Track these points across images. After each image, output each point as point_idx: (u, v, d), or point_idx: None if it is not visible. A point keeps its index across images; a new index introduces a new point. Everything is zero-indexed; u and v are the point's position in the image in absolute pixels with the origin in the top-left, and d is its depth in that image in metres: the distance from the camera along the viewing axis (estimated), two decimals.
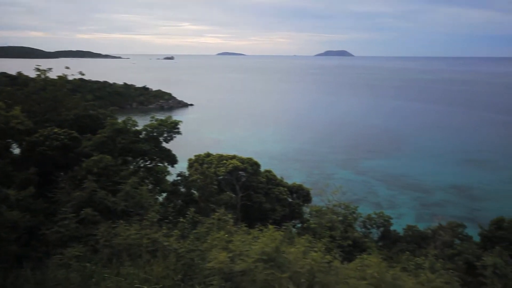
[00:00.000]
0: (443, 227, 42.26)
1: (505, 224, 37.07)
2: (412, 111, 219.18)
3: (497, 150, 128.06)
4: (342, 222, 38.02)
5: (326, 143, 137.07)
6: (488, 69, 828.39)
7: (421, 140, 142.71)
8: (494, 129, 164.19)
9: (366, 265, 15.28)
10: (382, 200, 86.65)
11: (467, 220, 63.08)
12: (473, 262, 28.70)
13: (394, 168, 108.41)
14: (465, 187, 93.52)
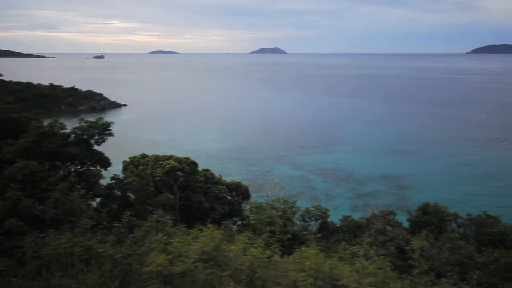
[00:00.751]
0: (375, 215, 44.50)
1: (430, 209, 39.76)
2: (343, 105, 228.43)
3: (422, 141, 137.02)
4: (282, 216, 38.71)
5: (263, 139, 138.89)
6: (408, 64, 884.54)
7: (352, 134, 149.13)
8: (418, 120, 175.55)
9: (305, 257, 15.63)
10: (319, 193, 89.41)
11: (397, 207, 66.83)
12: (403, 246, 30.51)
13: (329, 161, 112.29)
14: (394, 177, 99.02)
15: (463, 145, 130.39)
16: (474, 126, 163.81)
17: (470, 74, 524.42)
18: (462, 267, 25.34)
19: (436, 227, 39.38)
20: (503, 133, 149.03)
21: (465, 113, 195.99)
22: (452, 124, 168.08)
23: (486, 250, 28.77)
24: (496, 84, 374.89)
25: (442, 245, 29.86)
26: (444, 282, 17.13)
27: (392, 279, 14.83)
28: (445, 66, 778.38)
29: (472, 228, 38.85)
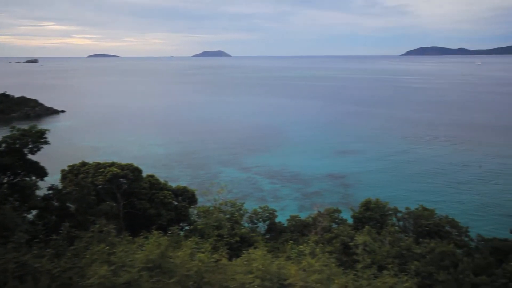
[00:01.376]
0: (321, 214, 45.62)
1: (372, 205, 41.40)
2: (287, 107, 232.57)
3: (363, 140, 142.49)
4: (229, 219, 38.67)
5: (209, 143, 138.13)
6: (349, 66, 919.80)
7: (297, 135, 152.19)
8: (359, 120, 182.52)
9: (252, 259, 15.71)
10: (267, 194, 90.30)
11: (342, 205, 68.97)
12: (348, 242, 31.55)
13: (276, 163, 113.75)
14: (339, 175, 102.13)
15: (401, 143, 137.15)
16: (410, 124, 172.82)
17: (404, 75, 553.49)
18: (402, 258, 26.67)
19: (378, 222, 41.08)
20: (436, 131, 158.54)
21: (402, 112, 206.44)
22: (390, 123, 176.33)
23: (423, 241, 30.40)
24: (428, 84, 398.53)
25: (384, 238, 31.22)
26: (386, 274, 17.92)
27: (337, 275, 15.29)
28: (382, 68, 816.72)
29: (411, 221, 40.92)
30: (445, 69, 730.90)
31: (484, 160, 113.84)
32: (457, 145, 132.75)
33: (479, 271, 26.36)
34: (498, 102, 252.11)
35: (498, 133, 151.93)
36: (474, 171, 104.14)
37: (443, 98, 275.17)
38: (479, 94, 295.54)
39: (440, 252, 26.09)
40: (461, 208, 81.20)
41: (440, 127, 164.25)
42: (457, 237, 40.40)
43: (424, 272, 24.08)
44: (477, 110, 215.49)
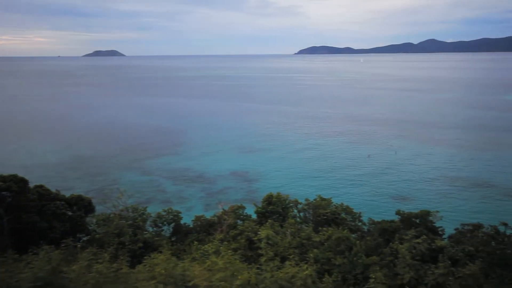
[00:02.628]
0: (226, 211, 46.03)
1: (274, 199, 42.84)
2: (185, 107, 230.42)
3: (263, 136, 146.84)
4: (131, 225, 37.16)
5: (107, 147, 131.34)
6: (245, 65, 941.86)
7: (198, 134, 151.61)
8: (258, 117, 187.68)
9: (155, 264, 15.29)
10: (171, 196, 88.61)
11: (246, 201, 70.50)
12: (252, 237, 32.27)
13: (179, 163, 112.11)
14: (243, 172, 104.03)
15: (300, 139, 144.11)
16: (307, 120, 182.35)
17: (299, 73, 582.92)
18: (302, 248, 28.07)
19: (281, 215, 42.67)
20: (332, 126, 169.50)
21: (299, 109, 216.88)
22: (288, 119, 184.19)
23: (322, 230, 32.35)
24: (321, 81, 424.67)
25: (286, 230, 32.54)
26: (288, 265, 18.71)
27: (240, 271, 15.56)
28: (278, 66, 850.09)
29: (310, 212, 43.24)
30: (334, 67, 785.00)
31: (373, 150, 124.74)
32: (349, 137, 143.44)
33: (370, 251, 28.80)
34: (383, 97, 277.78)
35: (386, 126, 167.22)
36: (364, 160, 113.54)
37: (335, 94, 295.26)
38: (366, 90, 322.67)
39: (336, 238, 27.95)
40: (356, 195, 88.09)
41: (336, 122, 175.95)
42: (352, 223, 43.68)
43: (322, 258, 25.61)
44: (364, 104, 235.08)
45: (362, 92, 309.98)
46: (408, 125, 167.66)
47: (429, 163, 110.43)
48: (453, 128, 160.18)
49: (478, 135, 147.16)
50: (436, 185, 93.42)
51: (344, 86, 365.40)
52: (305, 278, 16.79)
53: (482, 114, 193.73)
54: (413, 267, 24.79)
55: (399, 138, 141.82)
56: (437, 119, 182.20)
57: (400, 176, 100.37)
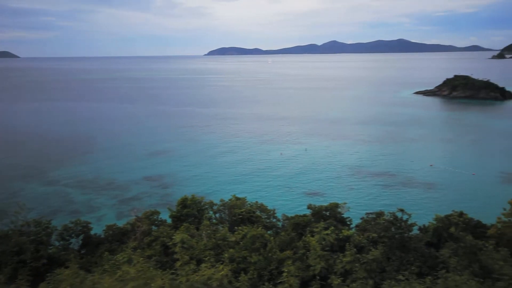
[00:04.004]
0: (140, 218, 44.47)
1: (189, 202, 42.36)
2: (89, 111, 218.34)
3: (176, 139, 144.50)
4: (33, 241, 34.25)
5: (4, 157, 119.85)
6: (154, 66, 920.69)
7: (107, 140, 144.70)
8: (170, 120, 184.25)
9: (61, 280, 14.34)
10: (80, 206, 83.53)
11: (161, 206, 68.82)
12: (167, 243, 31.61)
13: (87, 171, 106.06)
14: (157, 176, 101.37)
15: (212, 139, 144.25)
16: (219, 120, 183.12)
17: (210, 74, 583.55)
18: (218, 249, 28.15)
19: (196, 218, 42.32)
20: (242, 125, 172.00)
21: (210, 110, 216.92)
22: (200, 120, 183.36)
23: (237, 229, 32.70)
24: (232, 82, 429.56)
25: (202, 233, 32.35)
26: (203, 267, 18.68)
27: (154, 278, 15.18)
28: (189, 67, 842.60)
29: (226, 212, 43.45)
30: (244, 68, 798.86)
31: (285, 148, 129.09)
32: (261, 137, 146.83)
33: (285, 246, 29.81)
34: (291, 96, 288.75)
35: (296, 124, 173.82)
36: (277, 158, 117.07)
37: (246, 94, 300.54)
38: (275, 90, 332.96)
39: (251, 237, 28.47)
40: (270, 192, 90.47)
41: (249, 122, 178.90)
42: (267, 220, 44.73)
43: (238, 257, 25.93)
44: (274, 103, 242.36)
45: (272, 91, 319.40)
46: (315, 122, 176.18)
47: (337, 158, 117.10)
48: (356, 124, 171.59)
49: (378, 129, 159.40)
50: (344, 178, 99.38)
51: (255, 86, 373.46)
52: (221, 279, 16.90)
53: (381, 110, 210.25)
54: (323, 257, 26.17)
55: (308, 135, 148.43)
56: (342, 115, 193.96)
57: (311, 171, 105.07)
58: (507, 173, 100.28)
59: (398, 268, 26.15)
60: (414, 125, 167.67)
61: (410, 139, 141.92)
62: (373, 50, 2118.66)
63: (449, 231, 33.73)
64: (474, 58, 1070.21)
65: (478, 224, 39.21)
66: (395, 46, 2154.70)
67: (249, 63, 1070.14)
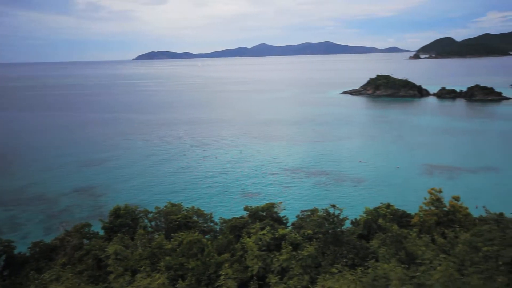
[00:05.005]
0: (69, 232, 42.17)
1: (122, 212, 40.91)
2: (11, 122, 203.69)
3: (108, 148, 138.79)
4: None
5: None
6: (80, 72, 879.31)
7: (32, 151, 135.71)
8: (101, 128, 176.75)
9: None
10: (1, 224, 77.48)
11: (93, 218, 65.70)
12: (100, 256, 30.27)
13: (9, 185, 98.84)
14: (88, 188, 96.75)
15: (146, 146, 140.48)
16: (152, 126, 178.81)
17: (141, 79, 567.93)
18: (154, 257, 27.47)
19: (130, 227, 40.95)
20: (177, 130, 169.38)
21: (143, 116, 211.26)
22: (133, 128, 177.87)
23: (174, 236, 32.10)
24: (164, 86, 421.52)
25: (137, 242, 31.36)
26: (139, 277, 18.13)
27: None
28: (118, 73, 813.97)
29: (161, 219, 42.50)
30: (174, 72, 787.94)
31: (220, 151, 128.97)
32: (196, 141, 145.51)
33: (223, 249, 29.79)
34: (224, 99, 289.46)
35: (230, 127, 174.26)
36: (212, 162, 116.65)
37: (178, 99, 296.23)
38: (207, 93, 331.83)
39: (188, 242, 28.13)
40: (207, 196, 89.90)
41: (183, 126, 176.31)
42: (204, 224, 44.44)
43: (175, 264, 25.50)
44: (208, 107, 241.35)
45: (204, 95, 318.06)
46: (249, 124, 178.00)
47: (271, 159, 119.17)
48: (288, 125, 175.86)
49: (310, 129, 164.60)
50: (279, 178, 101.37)
51: (186, 90, 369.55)
52: None
53: (311, 110, 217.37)
54: (260, 257, 26.51)
55: (243, 138, 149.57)
56: (274, 117, 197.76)
57: (247, 173, 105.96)
58: (427, 164, 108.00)
59: (332, 262, 27.17)
60: (343, 124, 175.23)
61: (340, 137, 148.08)
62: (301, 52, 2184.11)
63: (377, 222, 35.67)
64: (393, 59, 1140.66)
65: (403, 214, 41.88)
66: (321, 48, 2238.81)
67: (180, 67, 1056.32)
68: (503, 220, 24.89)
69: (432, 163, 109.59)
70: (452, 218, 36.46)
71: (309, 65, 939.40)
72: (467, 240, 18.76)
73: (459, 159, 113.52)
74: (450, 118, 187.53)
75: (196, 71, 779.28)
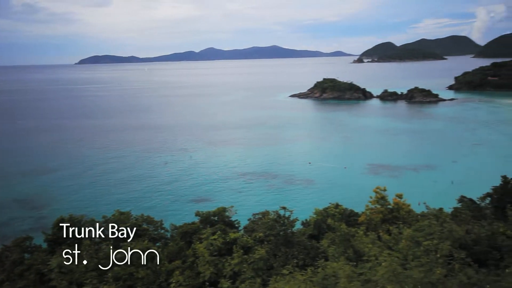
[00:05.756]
0: (8, 247, 39.69)
1: (66, 223, 39.01)
2: None
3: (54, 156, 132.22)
4: None
5: None
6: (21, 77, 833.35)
7: None
8: (44, 136, 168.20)
9: None
10: None
11: (35, 230, 62.16)
12: (43, 270, 28.73)
13: None
14: (29, 199, 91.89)
15: (94, 153, 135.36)
16: (99, 134, 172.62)
17: (85, 84, 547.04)
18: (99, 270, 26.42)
19: (76, 238, 39.13)
20: (125, 136, 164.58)
21: (90, 122, 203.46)
22: (79, 133, 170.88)
23: (122, 245, 31.09)
24: (108, 92, 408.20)
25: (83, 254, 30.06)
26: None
27: None
28: (60, 77, 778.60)
29: (109, 228, 40.91)
30: (120, 76, 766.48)
31: (169, 157, 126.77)
32: (144, 147, 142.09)
33: (174, 256, 29.28)
34: (171, 103, 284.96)
35: (179, 132, 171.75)
36: (162, 168, 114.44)
37: (125, 104, 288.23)
38: (155, 98, 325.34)
39: (136, 251, 27.40)
40: (157, 203, 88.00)
41: (130, 132, 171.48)
42: (154, 232, 43.39)
43: (124, 275, 24.72)
44: (155, 112, 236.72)
45: (152, 100, 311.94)
46: (199, 129, 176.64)
47: (222, 163, 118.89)
48: (238, 128, 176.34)
49: (259, 132, 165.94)
50: (231, 182, 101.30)
51: (133, 95, 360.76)
52: None
53: (260, 114, 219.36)
54: (212, 262, 26.33)
55: (192, 142, 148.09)
56: (224, 120, 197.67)
57: (197, 178, 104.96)
58: (372, 164, 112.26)
59: (284, 263, 27.49)
60: (292, 127, 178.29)
61: (289, 140, 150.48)
62: (249, 56, 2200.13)
63: (327, 222, 36.56)
64: (338, 62, 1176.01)
65: (351, 213, 43.23)
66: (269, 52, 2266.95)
67: (125, 72, 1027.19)
68: (441, 215, 26.37)
69: (377, 162, 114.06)
70: (396, 215, 38.10)
71: (257, 69, 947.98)
72: (410, 236, 19.68)
73: (401, 158, 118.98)
74: (393, 119, 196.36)
75: (143, 76, 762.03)
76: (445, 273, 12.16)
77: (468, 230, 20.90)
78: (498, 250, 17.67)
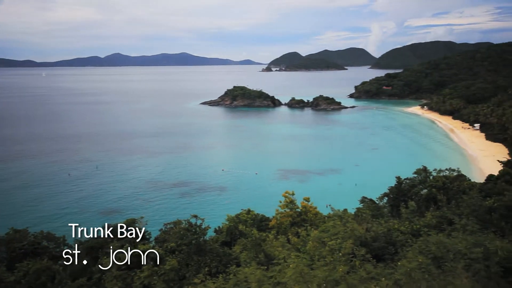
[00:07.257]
0: None
1: None
2: None
3: None
4: None
5: None
6: None
7: None
8: None
9: None
10: None
11: None
12: None
13: None
14: None
15: None
16: None
17: None
18: None
19: None
20: (21, 146, 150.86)
21: None
22: None
23: (18, 266, 28.33)
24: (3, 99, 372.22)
25: None
26: None
27: None
28: None
29: (2, 248, 37.16)
30: (13, 82, 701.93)
31: (73, 168, 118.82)
32: (46, 158, 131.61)
33: (78, 274, 27.37)
34: (74, 111, 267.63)
35: (83, 141, 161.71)
36: (65, 179, 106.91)
37: (21, 112, 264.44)
38: (55, 106, 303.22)
39: (35, 271, 25.16)
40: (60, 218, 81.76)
41: (31, 142, 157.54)
42: (56, 249, 40.26)
43: None
44: (56, 121, 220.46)
45: (53, 108, 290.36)
46: (106, 138, 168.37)
47: (131, 173, 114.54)
48: (148, 137, 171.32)
49: (170, 140, 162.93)
50: (141, 192, 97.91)
51: (29, 102, 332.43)
52: None
53: (171, 122, 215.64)
54: (120, 277, 25.12)
55: (99, 152, 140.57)
56: (133, 129, 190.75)
57: (105, 190, 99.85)
58: (282, 169, 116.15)
59: (197, 272, 27.13)
60: (203, 134, 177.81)
61: (201, 147, 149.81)
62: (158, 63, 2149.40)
63: (239, 228, 36.89)
64: (248, 70, 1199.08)
65: (262, 218, 44.19)
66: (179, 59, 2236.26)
67: (20, 77, 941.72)
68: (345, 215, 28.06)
69: (286, 168, 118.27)
70: (304, 217, 39.74)
71: (167, 76, 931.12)
72: (316, 237, 20.62)
73: (309, 163, 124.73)
74: (300, 126, 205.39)
75: (40, 82, 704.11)
76: (347, 270, 12.96)
77: (367, 228, 22.49)
78: (393, 245, 19.27)
